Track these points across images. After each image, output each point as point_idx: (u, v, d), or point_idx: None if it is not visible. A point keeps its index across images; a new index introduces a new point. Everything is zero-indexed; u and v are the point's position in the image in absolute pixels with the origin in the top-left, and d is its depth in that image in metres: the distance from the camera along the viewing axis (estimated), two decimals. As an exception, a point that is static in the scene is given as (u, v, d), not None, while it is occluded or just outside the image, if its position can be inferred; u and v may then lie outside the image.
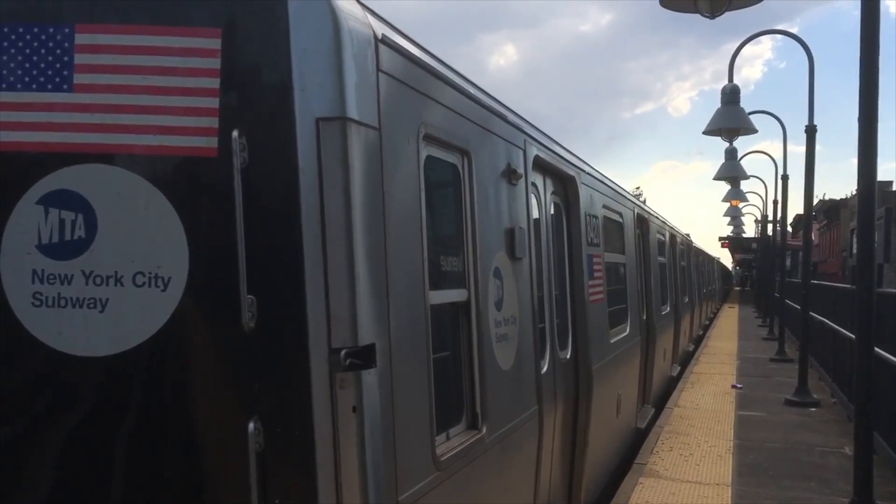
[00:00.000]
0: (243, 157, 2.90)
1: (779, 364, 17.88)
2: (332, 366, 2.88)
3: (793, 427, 11.30)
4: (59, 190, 3.01)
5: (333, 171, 2.91)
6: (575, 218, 6.79)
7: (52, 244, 3.01)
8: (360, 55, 3.03)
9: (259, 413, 2.90)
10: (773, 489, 8.20)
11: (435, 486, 3.50)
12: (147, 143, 2.99)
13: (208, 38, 2.97)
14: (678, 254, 17.25)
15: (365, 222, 2.99)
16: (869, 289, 6.39)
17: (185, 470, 3.07)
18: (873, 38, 6.08)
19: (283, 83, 2.91)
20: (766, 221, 32.42)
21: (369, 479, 2.94)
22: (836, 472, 8.77)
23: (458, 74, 4.22)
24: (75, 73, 3.02)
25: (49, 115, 3.03)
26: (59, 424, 3.10)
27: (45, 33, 3.04)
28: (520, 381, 4.89)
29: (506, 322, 4.63)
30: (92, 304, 2.99)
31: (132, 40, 3.00)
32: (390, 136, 3.22)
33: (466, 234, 4.17)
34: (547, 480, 5.63)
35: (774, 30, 16.05)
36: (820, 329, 15.12)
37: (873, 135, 6.14)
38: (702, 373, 16.57)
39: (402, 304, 3.28)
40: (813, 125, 13.24)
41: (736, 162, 19.03)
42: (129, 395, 3.07)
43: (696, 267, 24.26)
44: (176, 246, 2.96)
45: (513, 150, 5.02)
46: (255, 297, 2.89)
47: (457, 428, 4.00)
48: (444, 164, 4.01)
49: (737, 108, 12.50)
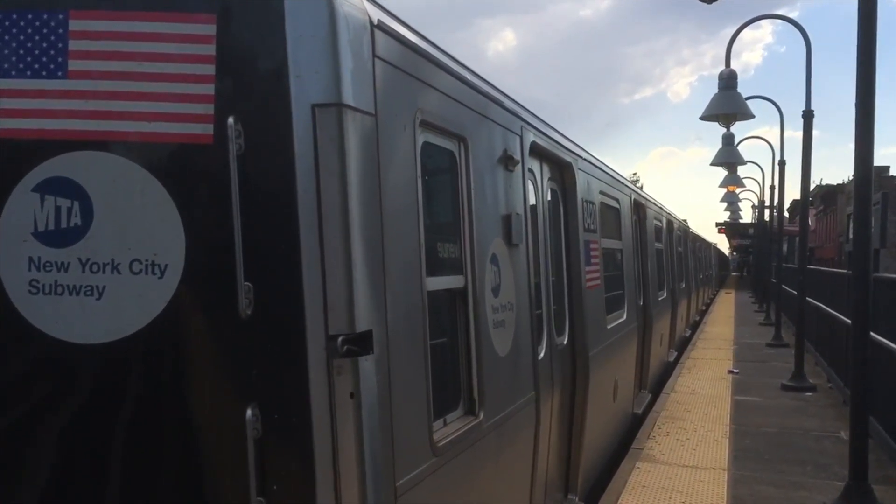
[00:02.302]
0: (239, 144, 2.89)
1: (775, 349, 17.94)
2: (330, 352, 2.88)
3: (789, 412, 11.35)
4: (54, 177, 3.00)
5: (330, 158, 2.90)
6: (572, 204, 6.79)
7: (48, 231, 3.00)
8: (355, 41, 3.01)
9: (257, 400, 2.90)
10: (770, 473, 8.25)
11: (432, 472, 3.52)
12: (142, 130, 2.98)
13: (203, 24, 2.95)
14: (675, 239, 17.26)
15: (361, 209, 2.99)
16: (865, 274, 6.41)
17: (184, 457, 3.07)
18: (870, 22, 6.07)
19: (278, 69, 2.90)
20: (763, 207, 32.47)
21: (367, 465, 2.95)
22: (832, 456, 8.82)
23: (454, 60, 4.20)
24: (70, 60, 3.01)
25: (44, 102, 3.01)
26: (57, 412, 3.10)
27: (39, 20, 3.02)
28: (517, 367, 4.90)
29: (503, 308, 4.64)
30: (89, 291, 2.99)
31: (127, 26, 2.98)
32: (386, 122, 3.22)
33: (463, 220, 4.17)
34: (544, 466, 5.66)
35: (771, 14, 15.97)
36: (816, 314, 15.16)
37: (870, 120, 6.14)
38: (698, 358, 16.63)
39: (399, 290, 3.28)
40: (810, 110, 13.23)
41: (733, 148, 19.04)
42: (127, 382, 3.07)
43: (693, 253, 24.29)
44: (172, 233, 2.95)
45: (509, 137, 5.01)
46: (252, 284, 2.89)
47: (454, 414, 4.02)
48: (440, 150, 4.00)
49: (734, 93, 12.49)
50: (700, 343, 19.37)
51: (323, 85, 2.90)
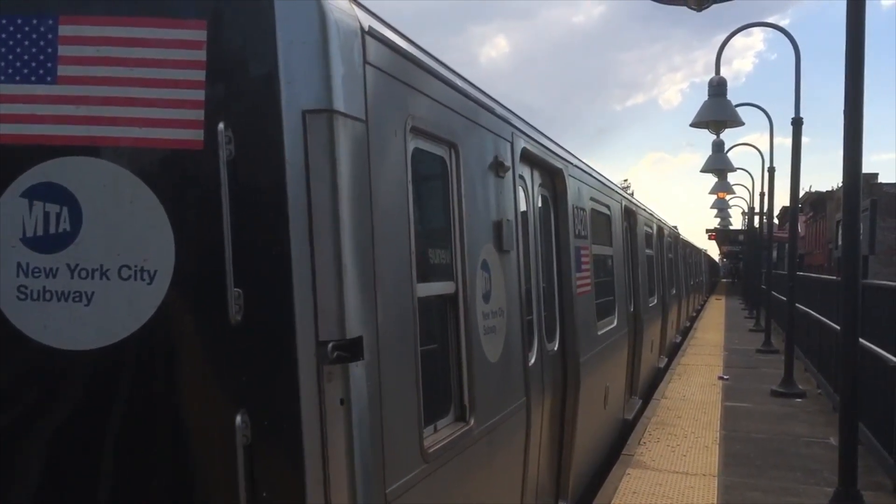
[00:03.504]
0: (229, 150, 2.88)
1: (765, 355, 18.00)
2: (320, 358, 2.87)
3: (779, 418, 11.38)
4: (43, 182, 2.99)
5: (320, 164, 2.90)
6: (562, 210, 6.80)
7: (36, 237, 2.99)
8: (346, 47, 3.02)
9: (246, 406, 2.89)
10: (760, 479, 8.26)
11: (423, 479, 3.51)
12: (132, 136, 2.97)
13: (194, 29, 2.95)
14: (665, 246, 17.31)
15: (352, 215, 2.98)
16: (854, 280, 6.44)
17: (173, 463, 3.06)
18: (859, 28, 6.10)
19: (269, 75, 2.90)
20: (753, 213, 32.58)
21: (357, 472, 2.94)
22: (822, 462, 8.84)
23: (445, 67, 4.21)
24: (59, 65, 3.00)
25: (33, 107, 3.00)
26: (46, 418, 3.08)
27: (29, 25, 3.01)
28: (507, 373, 4.90)
29: (493, 314, 4.64)
30: (77, 297, 2.97)
31: (117, 32, 2.97)
32: (377, 128, 3.22)
33: (454, 226, 4.17)
34: (535, 472, 5.65)
35: (760, 22, 16.02)
36: (806, 320, 15.21)
37: (859, 126, 6.17)
38: (689, 364, 16.66)
39: (389, 296, 3.28)
40: (799, 117, 13.30)
41: (723, 154, 19.13)
42: (116, 388, 3.06)
43: (684, 259, 24.36)
44: (162, 239, 2.94)
45: (500, 143, 5.02)
46: (242, 290, 2.88)
47: (444, 420, 4.01)
48: (431, 156, 4.00)
49: (723, 100, 12.57)
50: (690, 349, 19.41)
51: (314, 91, 2.90)
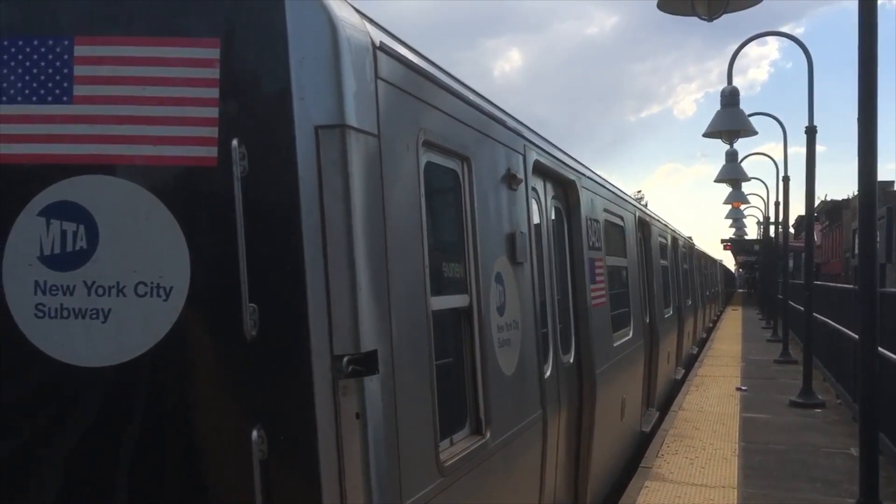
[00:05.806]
0: (243, 166, 2.91)
1: (783, 366, 17.85)
2: (335, 373, 2.88)
3: (798, 428, 11.28)
4: (60, 201, 3.02)
5: (333, 179, 2.91)
6: (576, 222, 6.80)
7: (54, 255, 3.02)
8: (358, 63, 3.04)
9: (262, 421, 2.90)
10: (780, 491, 8.18)
11: (439, 492, 3.50)
12: (147, 154, 3.00)
13: (207, 48, 2.98)
14: (680, 256, 17.24)
15: (365, 229, 3.00)
16: (871, 289, 6.39)
17: (190, 479, 3.07)
18: (872, 37, 6.09)
19: (281, 92, 2.92)
20: (768, 223, 32.40)
21: (373, 486, 2.93)
22: (842, 472, 8.75)
23: (456, 81, 4.23)
24: (75, 85, 3.04)
25: (49, 126, 3.04)
26: (63, 435, 3.10)
27: (45, 46, 3.05)
28: (523, 386, 4.88)
29: (508, 327, 4.63)
30: (94, 314, 3.00)
31: (131, 51, 3.01)
32: (390, 142, 3.23)
33: (467, 239, 4.18)
34: (552, 485, 5.63)
35: (770, 32, 15.95)
36: (823, 330, 15.09)
37: (873, 135, 6.14)
38: (706, 375, 16.55)
39: (403, 310, 3.28)
40: (813, 126, 13.22)
41: (737, 164, 19.01)
42: (133, 405, 3.08)
43: (699, 269, 24.24)
44: (177, 255, 2.97)
45: (513, 155, 5.03)
46: (257, 305, 2.89)
47: (460, 433, 4.00)
48: (443, 169, 4.01)
49: (736, 109, 12.51)
50: (707, 360, 19.28)
51: (326, 107, 2.92)
